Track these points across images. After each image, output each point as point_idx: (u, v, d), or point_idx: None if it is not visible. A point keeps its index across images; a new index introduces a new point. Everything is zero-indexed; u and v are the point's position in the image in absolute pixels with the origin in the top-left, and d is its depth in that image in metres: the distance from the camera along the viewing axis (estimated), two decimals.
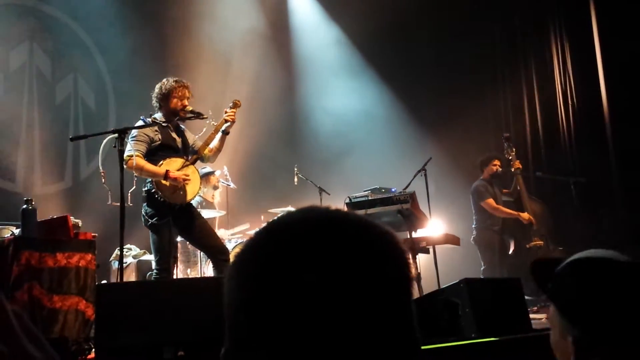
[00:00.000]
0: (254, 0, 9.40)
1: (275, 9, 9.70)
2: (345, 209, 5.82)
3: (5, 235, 4.42)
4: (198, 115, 4.87)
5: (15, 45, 7.50)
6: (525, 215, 6.88)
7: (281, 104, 9.36)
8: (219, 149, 4.99)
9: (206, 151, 4.94)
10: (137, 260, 6.69)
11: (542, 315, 5.05)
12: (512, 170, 7.21)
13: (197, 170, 4.90)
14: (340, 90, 9.22)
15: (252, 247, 0.77)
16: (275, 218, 0.81)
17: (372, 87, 9.19)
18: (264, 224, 0.80)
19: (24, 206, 4.30)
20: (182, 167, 4.69)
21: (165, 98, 4.80)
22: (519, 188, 7.13)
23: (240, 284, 0.74)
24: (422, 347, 0.74)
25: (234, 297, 0.75)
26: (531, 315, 3.99)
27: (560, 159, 7.96)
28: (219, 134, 4.92)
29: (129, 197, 4.35)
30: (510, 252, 6.99)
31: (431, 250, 5.77)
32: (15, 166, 7.23)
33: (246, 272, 0.75)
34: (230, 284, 0.76)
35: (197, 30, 8.55)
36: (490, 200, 6.94)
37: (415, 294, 5.48)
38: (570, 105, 7.93)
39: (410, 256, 0.80)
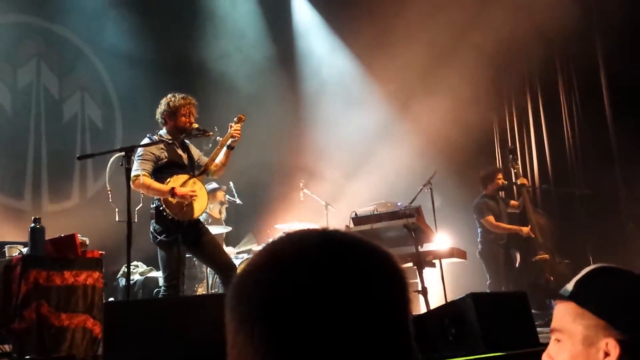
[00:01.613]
0: (261, 21, 9.51)
1: (283, 30, 9.84)
2: (351, 223, 5.84)
3: (14, 254, 4.45)
4: (204, 133, 4.89)
5: (22, 63, 7.59)
6: (525, 230, 6.82)
7: (287, 120, 9.40)
8: (224, 164, 4.97)
9: (212, 166, 4.94)
10: (143, 277, 6.71)
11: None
12: (518, 183, 7.21)
13: (204, 186, 4.92)
14: (346, 105, 9.25)
15: (252, 268, 0.79)
16: (275, 239, 0.82)
17: (377, 102, 9.22)
18: (268, 240, 0.82)
19: (32, 225, 4.33)
20: (186, 182, 4.69)
21: (172, 115, 4.79)
22: (523, 202, 7.10)
23: (241, 305, 0.76)
24: None
25: (235, 317, 0.77)
26: (538, 329, 3.98)
27: (565, 171, 7.95)
28: (224, 149, 4.93)
29: (136, 214, 4.37)
30: (516, 266, 6.97)
31: (437, 264, 5.76)
32: (23, 184, 7.29)
33: (246, 294, 0.77)
34: (232, 303, 0.78)
35: (205, 49, 8.63)
36: (490, 218, 6.90)
37: (422, 309, 5.48)
38: (575, 117, 7.94)
39: (408, 275, 0.81)
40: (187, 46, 8.63)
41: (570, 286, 1.26)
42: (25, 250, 4.41)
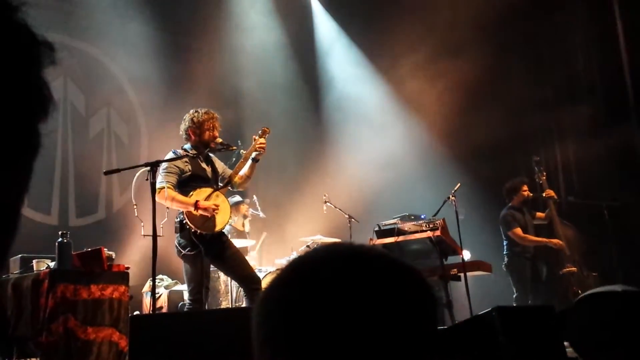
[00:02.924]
0: (285, 35, 9.58)
1: (306, 49, 9.90)
2: (375, 236, 5.82)
3: (41, 268, 4.51)
4: (228, 147, 4.93)
5: (50, 81, 7.66)
6: (554, 241, 6.73)
7: (311, 133, 9.43)
8: (249, 176, 5.01)
9: (236, 179, 4.97)
10: (168, 290, 6.74)
11: None
12: (544, 195, 7.11)
13: (227, 199, 4.94)
14: (370, 118, 9.26)
15: (277, 284, 0.80)
16: (300, 255, 0.83)
17: (401, 115, 9.21)
18: (293, 253, 0.83)
19: (60, 239, 4.39)
20: (210, 195, 4.73)
21: (196, 130, 4.84)
22: (551, 214, 7.00)
23: (266, 321, 0.77)
24: None
25: (261, 333, 0.77)
26: (566, 344, 3.91)
27: (592, 182, 7.85)
28: (249, 162, 4.96)
29: (161, 228, 4.41)
30: (543, 279, 6.87)
31: (462, 277, 5.71)
32: (50, 199, 7.39)
33: (272, 310, 0.77)
34: (257, 319, 0.78)
35: (229, 64, 8.70)
36: (518, 230, 6.82)
37: (447, 322, 5.43)
38: (600, 127, 7.83)
39: (436, 292, 0.81)
40: (211, 64, 8.70)
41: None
42: (52, 264, 4.47)
